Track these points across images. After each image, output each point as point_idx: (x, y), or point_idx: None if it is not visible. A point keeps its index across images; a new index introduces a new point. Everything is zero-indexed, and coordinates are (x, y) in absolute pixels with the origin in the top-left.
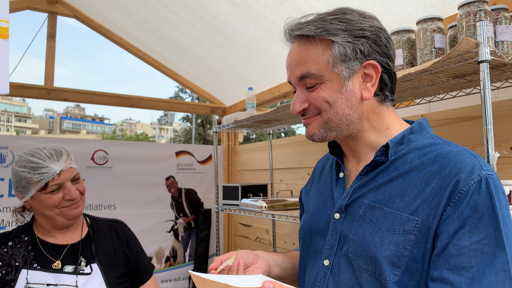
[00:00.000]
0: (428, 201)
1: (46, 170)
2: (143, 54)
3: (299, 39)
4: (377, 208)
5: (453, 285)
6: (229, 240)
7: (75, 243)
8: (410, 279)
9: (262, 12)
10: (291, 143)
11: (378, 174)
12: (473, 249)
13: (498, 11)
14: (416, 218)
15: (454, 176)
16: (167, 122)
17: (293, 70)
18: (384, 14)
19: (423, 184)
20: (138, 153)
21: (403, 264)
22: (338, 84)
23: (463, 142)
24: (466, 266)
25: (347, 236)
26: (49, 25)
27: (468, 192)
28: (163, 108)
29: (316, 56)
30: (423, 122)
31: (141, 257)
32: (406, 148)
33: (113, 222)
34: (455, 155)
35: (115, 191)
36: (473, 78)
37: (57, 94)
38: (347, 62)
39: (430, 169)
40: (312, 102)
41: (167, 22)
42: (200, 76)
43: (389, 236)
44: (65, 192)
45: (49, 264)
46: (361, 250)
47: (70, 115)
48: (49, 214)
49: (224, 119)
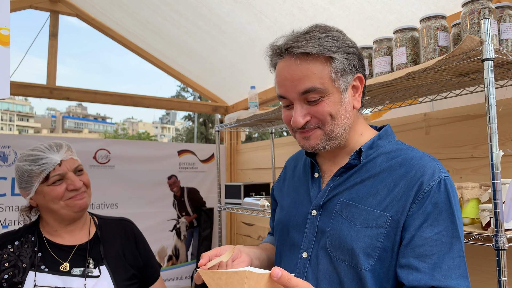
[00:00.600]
0: (397, 199)
1: (46, 161)
2: (146, 53)
3: (299, 56)
4: (352, 206)
5: (418, 270)
6: (231, 239)
7: (83, 243)
8: (381, 266)
9: (264, 10)
10: (294, 141)
11: (351, 175)
12: (434, 239)
13: (502, 9)
14: (387, 214)
15: (419, 178)
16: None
17: (294, 85)
18: (387, 12)
19: (392, 184)
20: (140, 152)
21: (376, 254)
22: (338, 97)
23: (466, 140)
24: (428, 254)
25: (324, 230)
26: (51, 24)
27: (430, 192)
28: (165, 107)
29: (319, 72)
30: (388, 129)
31: (149, 257)
32: (375, 153)
33: (121, 220)
34: (418, 159)
35: (117, 190)
36: (476, 76)
37: (60, 93)
38: (344, 76)
39: (398, 172)
40: (315, 115)
41: (169, 21)
42: (202, 75)
43: (364, 230)
44: (68, 182)
45: (57, 266)
46: (338, 243)
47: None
48: (54, 207)
49: (227, 118)
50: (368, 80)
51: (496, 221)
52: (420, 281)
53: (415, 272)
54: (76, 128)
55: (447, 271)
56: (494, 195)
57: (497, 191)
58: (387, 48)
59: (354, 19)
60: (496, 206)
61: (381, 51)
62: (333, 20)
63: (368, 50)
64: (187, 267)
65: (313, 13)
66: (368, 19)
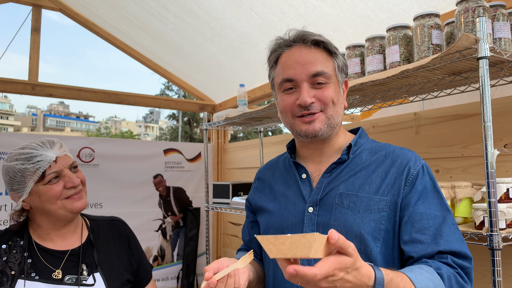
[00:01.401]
0: (391, 184)
1: (41, 158)
2: (131, 50)
3: (312, 44)
4: (352, 195)
5: (422, 242)
6: (218, 239)
7: (75, 248)
8: (386, 248)
9: (254, 6)
10: (282, 141)
11: (342, 170)
12: (428, 213)
13: (495, 8)
14: (385, 198)
15: (406, 164)
16: (153, 120)
17: (305, 67)
18: (378, 11)
19: (384, 173)
20: (125, 151)
21: (381, 236)
22: (338, 88)
23: (457, 140)
24: (426, 226)
25: (326, 224)
26: (33, 18)
27: (418, 175)
28: (151, 104)
29: (326, 61)
30: (363, 130)
31: (142, 259)
32: (359, 149)
33: (113, 221)
34: (399, 150)
35: (102, 189)
36: (469, 75)
37: (42, 90)
38: (341, 73)
39: (386, 162)
40: (320, 98)
41: (157, 17)
42: (189, 72)
43: (368, 215)
44: (66, 180)
45: (48, 274)
46: (345, 232)
47: (53, 112)
48: (51, 208)
49: (215, 116)
50: (361, 78)
51: (491, 220)
52: (427, 249)
53: (419, 244)
54: (57, 126)
55: (447, 237)
56: (489, 194)
57: (492, 190)
58: (380, 46)
59: (345, 17)
60: (491, 205)
61: (374, 49)
62: (324, 18)
63: (360, 48)
64: (173, 268)
65: (304, 11)
66: (359, 17)
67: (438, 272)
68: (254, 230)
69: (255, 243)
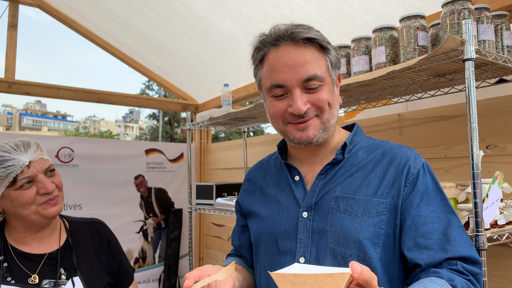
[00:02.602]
0: (390, 185)
1: (13, 163)
2: (112, 48)
3: (301, 42)
4: (348, 198)
5: (428, 247)
6: (200, 241)
7: (53, 252)
8: (386, 254)
9: (238, 6)
10: (266, 141)
11: (338, 171)
12: (432, 216)
13: (480, 11)
14: (384, 200)
15: (405, 163)
16: (132, 119)
17: (296, 71)
18: (363, 12)
19: (382, 173)
20: (106, 151)
21: (381, 242)
22: (332, 88)
23: (440, 141)
24: (431, 230)
25: (322, 230)
26: (10, 14)
27: (418, 174)
28: (132, 104)
29: (318, 60)
30: (359, 127)
31: (122, 261)
32: (355, 148)
33: (93, 223)
34: (397, 148)
35: (81, 190)
36: (453, 77)
37: (19, 88)
38: (334, 69)
39: (384, 161)
40: (314, 103)
41: (139, 15)
42: (172, 71)
43: (366, 219)
44: (39, 186)
45: (25, 279)
46: (343, 238)
47: (30, 112)
48: (24, 213)
49: (199, 116)
50: (347, 79)
51: (476, 221)
52: (434, 257)
53: (425, 250)
54: (34, 126)
55: (454, 242)
56: (474, 194)
57: (478, 191)
58: (366, 47)
59: (330, 17)
60: (477, 206)
61: (360, 50)
62: (309, 19)
63: (346, 49)
64: (155, 270)
65: (289, 11)
66: (344, 19)
67: (451, 284)
68: (244, 235)
69: (245, 249)
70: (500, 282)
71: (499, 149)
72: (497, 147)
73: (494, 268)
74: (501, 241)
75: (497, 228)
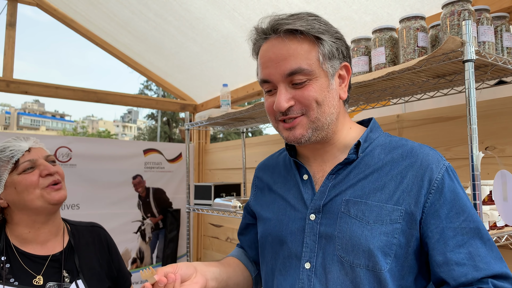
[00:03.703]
0: (407, 191)
1: (14, 148)
2: (111, 47)
3: (286, 34)
4: (360, 203)
5: (459, 264)
6: (198, 241)
7: (56, 254)
8: (396, 265)
9: (237, 7)
10: (264, 142)
11: (350, 171)
12: (463, 227)
13: (480, 12)
14: (399, 208)
15: (427, 167)
16: (131, 119)
17: (278, 65)
18: (363, 13)
19: (400, 176)
20: (104, 151)
21: (393, 252)
22: (326, 82)
23: (439, 142)
24: (461, 243)
25: (330, 235)
26: (8, 13)
27: (443, 180)
28: (131, 103)
29: (305, 52)
30: (375, 121)
31: (121, 266)
32: (371, 146)
33: (93, 227)
34: (419, 148)
35: (79, 190)
36: (453, 78)
37: (17, 87)
38: (332, 60)
39: (403, 163)
40: (300, 100)
41: (137, 15)
42: (170, 71)
43: (378, 227)
44: (41, 168)
45: (29, 280)
46: (351, 246)
47: (28, 111)
48: (29, 198)
49: (197, 116)
50: None
51: None
52: (467, 276)
53: (456, 267)
54: (32, 125)
55: (485, 258)
56: (474, 196)
57: (477, 193)
58: (365, 48)
59: (329, 19)
60: (476, 208)
61: (359, 50)
62: None
63: None
64: None
65: (288, 12)
66: (343, 20)
67: None
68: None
69: (245, 244)
70: None
71: (498, 150)
72: (496, 149)
73: None
74: (500, 242)
75: (496, 230)
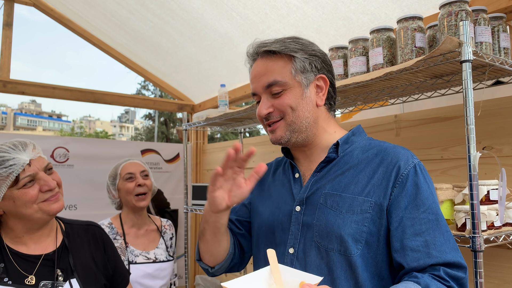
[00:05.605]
0: (377, 184)
1: (14, 162)
2: (108, 47)
3: (264, 55)
4: (336, 195)
5: (413, 250)
6: (196, 241)
7: (49, 253)
8: (368, 251)
9: (235, 7)
10: (262, 142)
11: (331, 169)
12: (421, 217)
13: (477, 12)
14: (369, 199)
15: (395, 164)
16: (128, 120)
17: (259, 80)
18: (360, 13)
19: (372, 172)
20: (101, 151)
21: (363, 238)
22: (300, 91)
23: (437, 142)
24: (419, 232)
25: (310, 224)
26: (5, 13)
27: (408, 175)
28: (128, 104)
29: (280, 68)
30: (360, 127)
31: (118, 264)
32: (351, 147)
33: (88, 226)
34: (392, 148)
35: (76, 190)
36: (450, 78)
37: (14, 87)
38: (305, 73)
39: (375, 161)
40: (277, 107)
41: (135, 15)
42: (168, 71)
43: (350, 216)
44: (41, 183)
45: (21, 279)
46: (326, 232)
47: (25, 111)
48: (27, 212)
49: (195, 116)
50: (344, 80)
51: (473, 223)
52: (418, 261)
53: (410, 252)
54: (29, 125)
55: (440, 247)
56: (471, 196)
57: (475, 193)
58: (363, 48)
59: (327, 18)
60: (473, 208)
61: (357, 51)
62: (306, 20)
63: (343, 50)
64: None
65: (286, 12)
66: (341, 20)
67: None
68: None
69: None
70: (497, 283)
71: (495, 150)
72: (493, 149)
73: (491, 270)
74: (498, 242)
75: (493, 230)
